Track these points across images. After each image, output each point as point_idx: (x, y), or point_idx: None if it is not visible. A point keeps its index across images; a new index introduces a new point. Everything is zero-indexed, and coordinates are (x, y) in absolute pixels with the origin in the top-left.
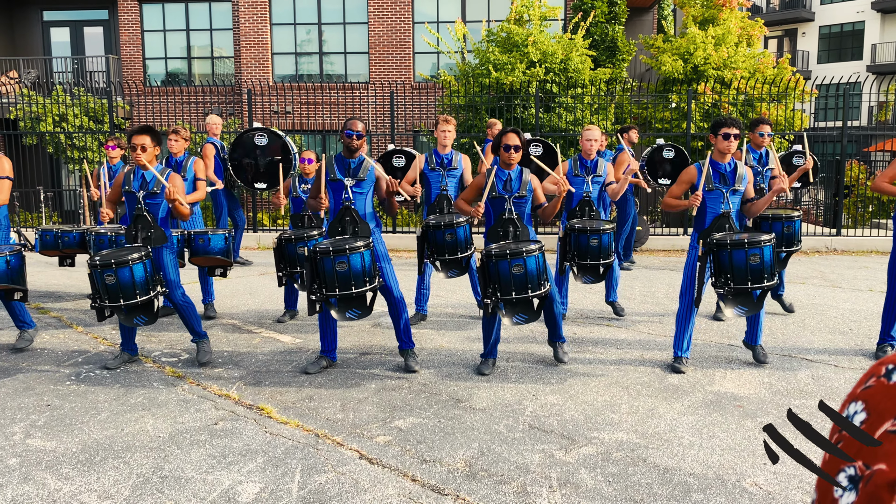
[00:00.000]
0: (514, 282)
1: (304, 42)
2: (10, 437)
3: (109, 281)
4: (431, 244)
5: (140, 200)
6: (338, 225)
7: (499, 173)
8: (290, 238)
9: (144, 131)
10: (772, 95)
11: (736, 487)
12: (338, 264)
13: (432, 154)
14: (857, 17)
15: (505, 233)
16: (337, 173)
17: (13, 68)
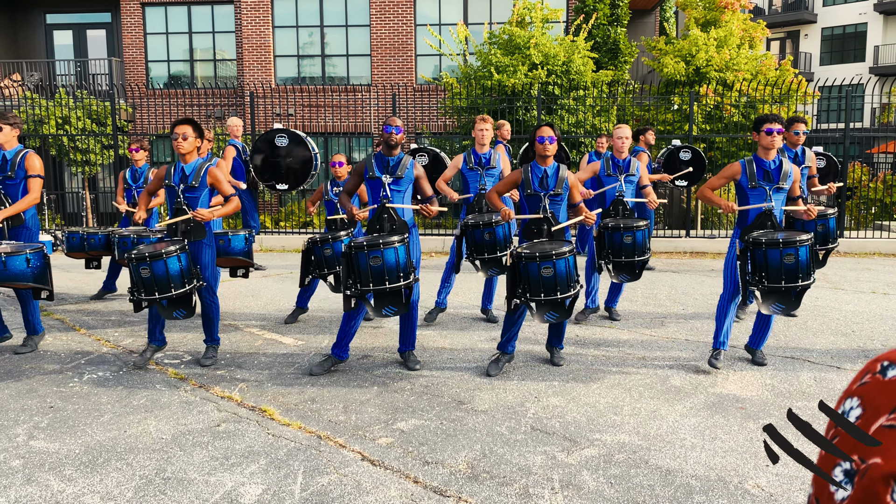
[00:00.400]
0: (543, 283)
1: (307, 44)
2: (14, 438)
3: (144, 274)
4: (470, 243)
5: (179, 194)
6: (375, 223)
7: (535, 170)
8: (317, 241)
9: (187, 122)
10: (774, 97)
11: (738, 489)
12: (372, 259)
13: (470, 153)
14: (860, 19)
15: (539, 231)
16: (375, 171)
17: (16, 71)
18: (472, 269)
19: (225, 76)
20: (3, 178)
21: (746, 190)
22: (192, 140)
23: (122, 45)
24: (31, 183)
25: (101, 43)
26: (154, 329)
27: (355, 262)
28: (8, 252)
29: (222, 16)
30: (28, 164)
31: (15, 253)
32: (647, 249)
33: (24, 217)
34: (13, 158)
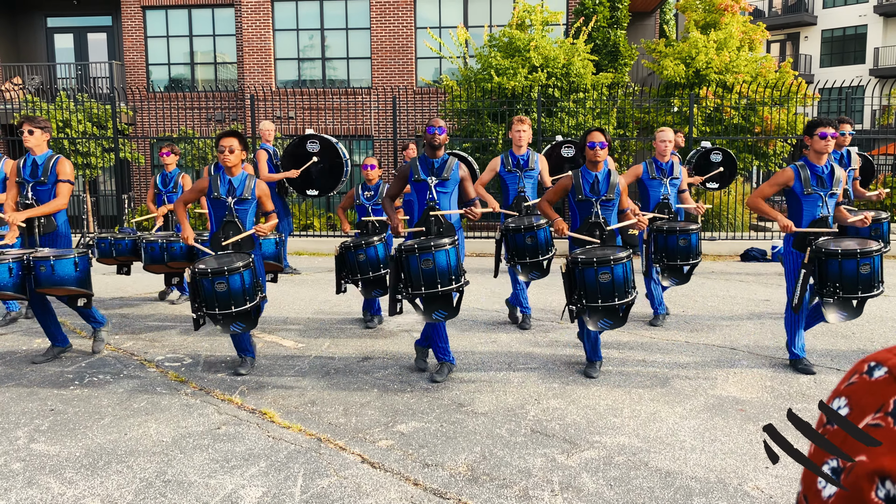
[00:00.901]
0: (600, 290)
1: (307, 48)
2: (14, 441)
3: (220, 289)
4: (511, 247)
5: (231, 207)
6: (422, 226)
7: (585, 175)
8: (350, 246)
9: (233, 134)
10: (774, 99)
11: (738, 491)
12: (423, 262)
13: (508, 155)
14: (860, 21)
15: (591, 236)
16: (421, 173)
17: (17, 74)
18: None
19: (225, 79)
20: (35, 183)
21: (801, 196)
22: (238, 153)
23: (122, 48)
24: (60, 188)
25: (102, 46)
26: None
27: (406, 265)
28: (57, 255)
29: (223, 19)
30: (59, 168)
31: (62, 256)
32: (700, 252)
33: (56, 223)
34: (45, 163)
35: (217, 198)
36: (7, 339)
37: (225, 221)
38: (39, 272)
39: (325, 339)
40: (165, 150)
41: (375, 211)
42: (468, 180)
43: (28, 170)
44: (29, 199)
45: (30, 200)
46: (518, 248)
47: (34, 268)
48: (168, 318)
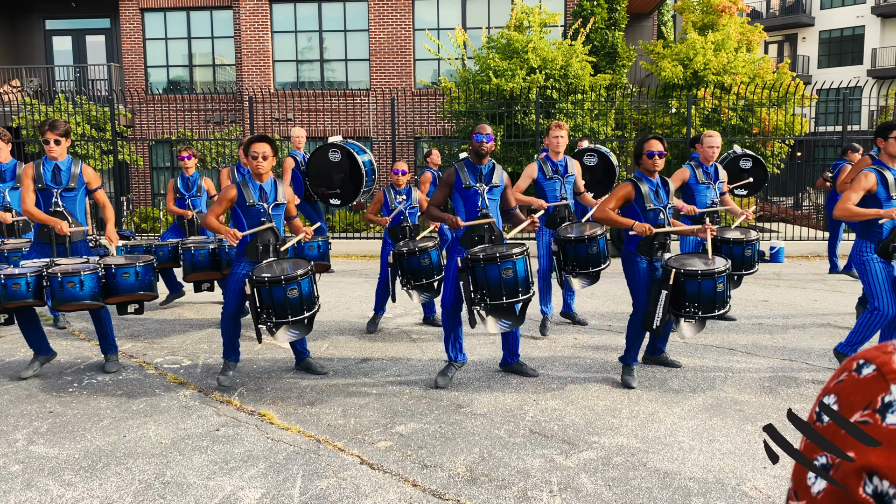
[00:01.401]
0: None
1: (305, 49)
2: (13, 443)
3: (293, 295)
4: (571, 258)
5: (268, 212)
6: (473, 234)
7: (648, 183)
8: (408, 251)
9: (266, 140)
10: (772, 100)
11: (736, 491)
12: (504, 271)
13: (546, 162)
14: (857, 22)
15: (661, 244)
16: (470, 180)
17: (15, 77)
18: None
19: (224, 81)
20: (63, 190)
21: (883, 202)
22: (271, 159)
23: (121, 50)
24: (102, 195)
25: (101, 48)
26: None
27: (484, 274)
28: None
29: (221, 21)
30: (89, 178)
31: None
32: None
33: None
34: (70, 169)
35: (252, 205)
36: (5, 342)
37: (265, 229)
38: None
39: (324, 340)
40: (186, 153)
41: (411, 215)
42: (509, 187)
43: (49, 175)
44: (60, 206)
45: (60, 208)
46: (580, 259)
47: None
48: (167, 320)
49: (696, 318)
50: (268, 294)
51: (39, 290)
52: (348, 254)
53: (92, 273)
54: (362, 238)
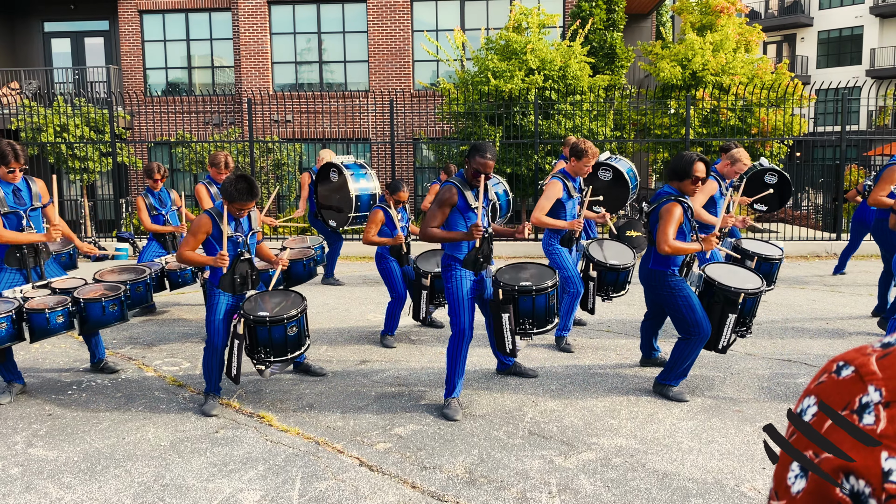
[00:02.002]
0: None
1: (304, 51)
2: (13, 446)
3: (292, 332)
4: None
5: (247, 242)
6: (479, 255)
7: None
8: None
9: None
10: (770, 101)
11: (735, 492)
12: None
13: (568, 179)
14: (856, 22)
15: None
16: (473, 200)
17: (14, 79)
18: None
19: (223, 83)
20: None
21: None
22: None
23: (119, 52)
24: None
25: (99, 50)
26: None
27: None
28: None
29: (220, 23)
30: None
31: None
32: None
33: None
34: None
35: (230, 236)
36: None
37: (243, 260)
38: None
39: (323, 342)
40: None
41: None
42: None
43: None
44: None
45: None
46: (618, 284)
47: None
48: (166, 322)
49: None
50: (267, 333)
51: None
52: (347, 255)
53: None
54: (360, 240)
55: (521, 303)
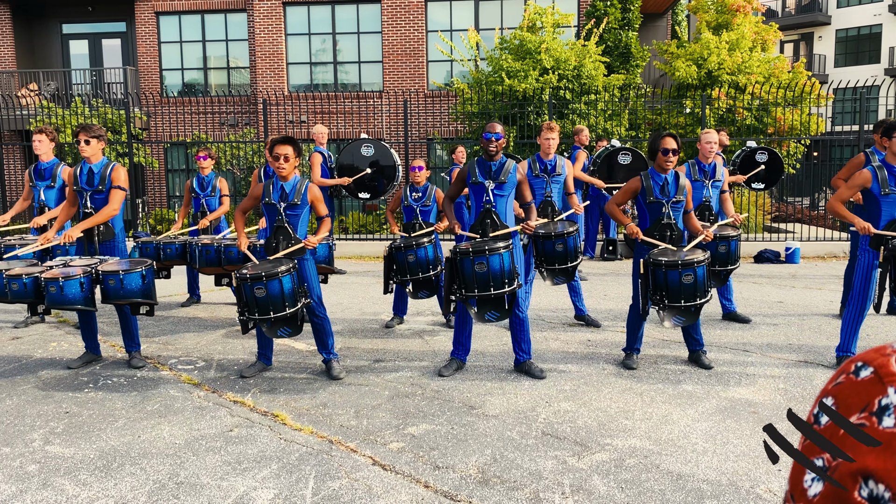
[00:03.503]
0: (684, 290)
1: (319, 52)
2: (30, 443)
3: (259, 294)
4: (540, 253)
5: (281, 212)
6: (478, 228)
7: (654, 177)
8: (400, 246)
9: (288, 141)
10: (787, 100)
11: (750, 494)
12: (477, 265)
13: (535, 160)
14: (875, 20)
15: (662, 237)
16: (478, 176)
17: (33, 80)
18: None
19: (238, 84)
20: (93, 192)
21: (879, 197)
22: (293, 160)
23: (136, 53)
24: (113, 194)
25: (116, 52)
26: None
27: (460, 267)
28: (126, 269)
29: (235, 24)
30: (113, 175)
31: (132, 270)
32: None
33: (114, 230)
34: (101, 171)
35: (269, 203)
36: (23, 342)
37: (276, 227)
38: (108, 285)
39: (337, 341)
40: (202, 153)
41: (423, 213)
42: (525, 183)
43: (84, 178)
44: (88, 207)
45: (88, 209)
46: (548, 255)
47: (103, 281)
48: (181, 321)
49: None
50: (241, 290)
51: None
52: (361, 255)
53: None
54: (375, 239)
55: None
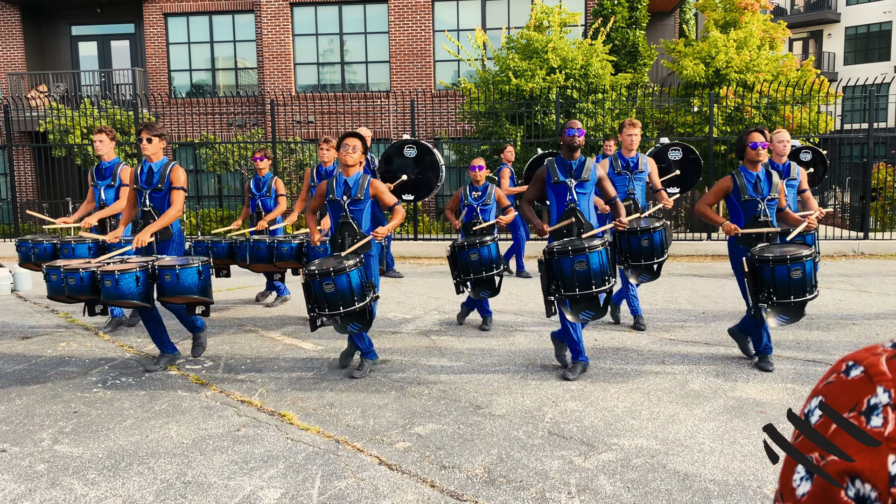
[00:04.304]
0: (792, 286)
1: (326, 52)
2: (39, 443)
3: (328, 290)
4: (625, 249)
5: (345, 207)
6: (563, 228)
7: (746, 175)
8: (463, 245)
9: (356, 135)
10: (796, 98)
11: (757, 494)
12: (577, 264)
13: (617, 158)
14: (885, 18)
15: (759, 236)
16: (559, 175)
17: (43, 82)
18: None
19: (246, 84)
20: (151, 191)
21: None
22: (359, 154)
23: (145, 55)
24: (174, 196)
25: (125, 53)
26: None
27: (558, 267)
28: (182, 264)
29: (243, 25)
30: (173, 176)
31: (188, 265)
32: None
33: (172, 230)
34: (161, 170)
35: (333, 199)
36: (32, 342)
37: (341, 223)
38: (164, 281)
39: (344, 341)
40: (258, 154)
41: (483, 211)
42: (606, 179)
43: (144, 177)
44: (147, 206)
45: (147, 208)
46: (633, 251)
47: (159, 276)
48: None
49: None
50: (310, 286)
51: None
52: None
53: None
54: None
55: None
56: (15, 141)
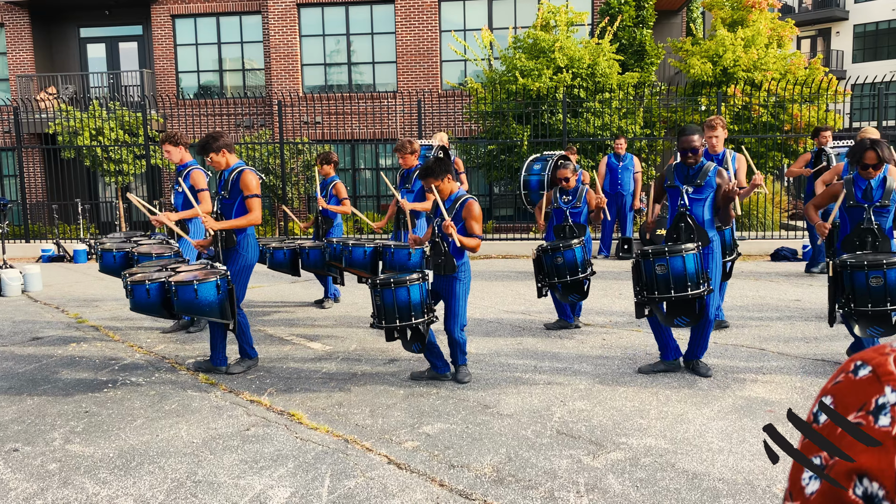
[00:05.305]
0: (870, 294)
1: (333, 53)
2: (51, 442)
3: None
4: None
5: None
6: (673, 232)
7: (857, 181)
8: (548, 249)
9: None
10: (804, 96)
11: (766, 493)
12: (658, 267)
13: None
14: (893, 15)
15: (862, 243)
16: (675, 180)
17: (52, 84)
18: (494, 277)
19: (253, 85)
20: (221, 198)
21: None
22: None
23: (153, 56)
24: (250, 203)
25: (133, 55)
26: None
27: (643, 270)
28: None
29: (250, 26)
30: (242, 184)
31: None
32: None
33: (236, 239)
34: (227, 178)
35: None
36: (43, 342)
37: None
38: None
39: (353, 341)
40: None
41: (573, 214)
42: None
43: (221, 183)
44: (216, 212)
45: (216, 214)
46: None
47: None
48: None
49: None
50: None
51: None
52: None
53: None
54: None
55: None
56: (24, 143)
